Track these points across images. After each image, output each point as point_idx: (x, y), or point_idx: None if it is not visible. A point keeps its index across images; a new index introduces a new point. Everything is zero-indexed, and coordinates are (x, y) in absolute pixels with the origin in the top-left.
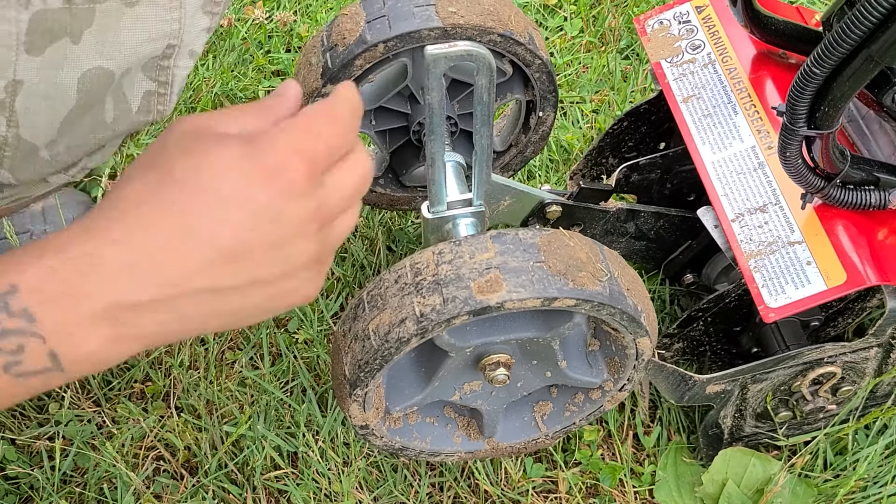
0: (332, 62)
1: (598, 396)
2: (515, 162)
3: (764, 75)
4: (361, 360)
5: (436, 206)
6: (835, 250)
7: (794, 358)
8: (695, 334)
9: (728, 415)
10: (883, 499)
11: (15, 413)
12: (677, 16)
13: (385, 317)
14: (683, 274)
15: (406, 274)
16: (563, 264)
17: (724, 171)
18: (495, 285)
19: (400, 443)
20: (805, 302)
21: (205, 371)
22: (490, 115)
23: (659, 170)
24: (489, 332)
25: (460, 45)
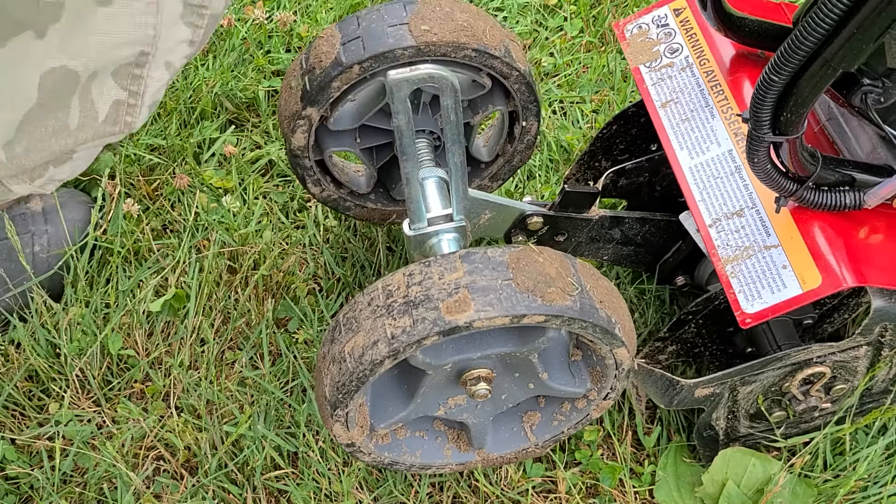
0: (310, 84)
1: (584, 405)
2: (504, 171)
3: (742, 77)
4: (339, 382)
5: (416, 224)
6: (810, 253)
7: (782, 360)
8: (687, 336)
9: (721, 416)
10: (883, 499)
11: (15, 413)
12: (655, 19)
13: (359, 339)
14: (676, 276)
15: (378, 296)
16: (532, 281)
17: (701, 175)
18: (463, 305)
19: (389, 458)
20: (780, 307)
21: (205, 371)
22: (459, 134)
23: (647, 173)
24: (465, 348)
25: (422, 69)
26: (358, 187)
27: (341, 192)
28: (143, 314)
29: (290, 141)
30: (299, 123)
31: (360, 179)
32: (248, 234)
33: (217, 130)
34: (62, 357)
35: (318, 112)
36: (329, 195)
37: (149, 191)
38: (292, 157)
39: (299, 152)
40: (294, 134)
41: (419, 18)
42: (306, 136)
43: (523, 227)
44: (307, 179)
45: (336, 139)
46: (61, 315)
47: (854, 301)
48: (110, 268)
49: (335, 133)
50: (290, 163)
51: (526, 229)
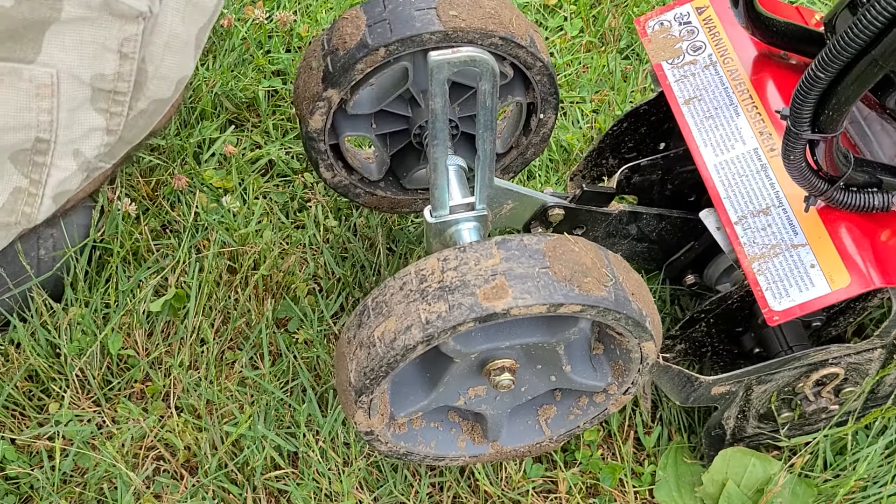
0: (332, 66)
1: (603, 400)
2: (516, 164)
3: (765, 77)
4: (367, 368)
5: (438, 211)
6: (838, 253)
7: (800, 359)
8: (697, 335)
9: (731, 416)
10: (883, 499)
11: (15, 413)
12: (678, 17)
13: (390, 324)
14: (685, 275)
15: (411, 281)
16: (569, 270)
17: (726, 173)
18: (501, 292)
19: (405, 448)
20: (809, 305)
21: (205, 371)
22: (493, 121)
23: (660, 171)
24: (494, 337)
25: (464, 52)
26: (369, 174)
27: (352, 178)
28: (143, 314)
29: (308, 123)
30: (319, 105)
31: (372, 166)
32: (248, 234)
33: (217, 130)
34: (62, 357)
35: (339, 94)
36: (340, 181)
37: (148, 191)
38: (308, 139)
39: (315, 135)
40: (312, 116)
41: (447, 3)
42: (324, 119)
43: (544, 219)
44: (320, 164)
45: (353, 123)
46: (61, 315)
47: (860, 305)
48: (110, 268)
49: (352, 117)
50: (305, 146)
51: (546, 221)
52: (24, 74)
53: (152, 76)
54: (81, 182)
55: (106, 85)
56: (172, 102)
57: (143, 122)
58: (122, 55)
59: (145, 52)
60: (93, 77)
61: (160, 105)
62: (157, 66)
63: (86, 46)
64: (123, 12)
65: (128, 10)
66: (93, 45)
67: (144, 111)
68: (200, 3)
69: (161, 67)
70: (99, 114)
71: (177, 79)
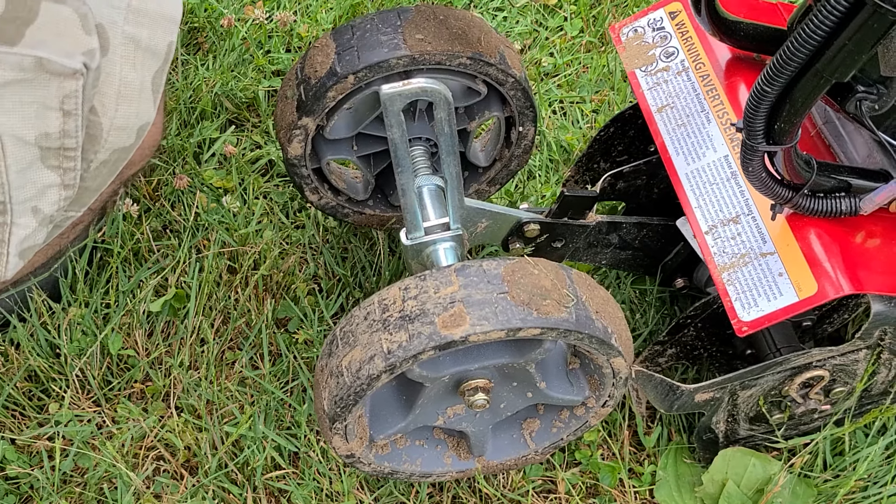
0: (305, 95)
1: (583, 413)
2: (501, 176)
3: (738, 81)
4: (337, 396)
5: (413, 233)
6: (806, 260)
7: (781, 364)
8: (687, 339)
9: (720, 420)
10: (883, 499)
11: (15, 413)
12: (651, 23)
13: (356, 353)
14: (675, 278)
15: (374, 311)
16: (527, 294)
17: (697, 182)
18: (459, 319)
19: (389, 467)
20: (777, 315)
21: (205, 371)
22: (454, 146)
23: (644, 175)
24: (463, 360)
25: (414, 83)
26: (356, 193)
27: (339, 199)
28: (143, 314)
29: (287, 150)
30: (295, 133)
31: (358, 185)
32: (248, 234)
33: (217, 130)
34: (62, 357)
35: (314, 122)
36: (327, 202)
37: (148, 191)
38: (290, 166)
39: (296, 161)
40: (291, 143)
41: (413, 27)
42: (303, 146)
43: (520, 235)
44: (304, 188)
45: (333, 147)
46: (61, 315)
47: (854, 301)
48: (110, 268)
49: (332, 141)
50: (288, 171)
51: (523, 236)
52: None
53: (108, 127)
54: (48, 235)
55: (52, 143)
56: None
57: (107, 170)
58: (65, 112)
59: (96, 104)
60: (37, 137)
61: (124, 152)
62: (112, 117)
63: (26, 108)
64: (59, 71)
65: (62, 69)
66: (33, 105)
67: (107, 161)
68: (151, 47)
69: (117, 118)
70: (51, 171)
71: (136, 126)
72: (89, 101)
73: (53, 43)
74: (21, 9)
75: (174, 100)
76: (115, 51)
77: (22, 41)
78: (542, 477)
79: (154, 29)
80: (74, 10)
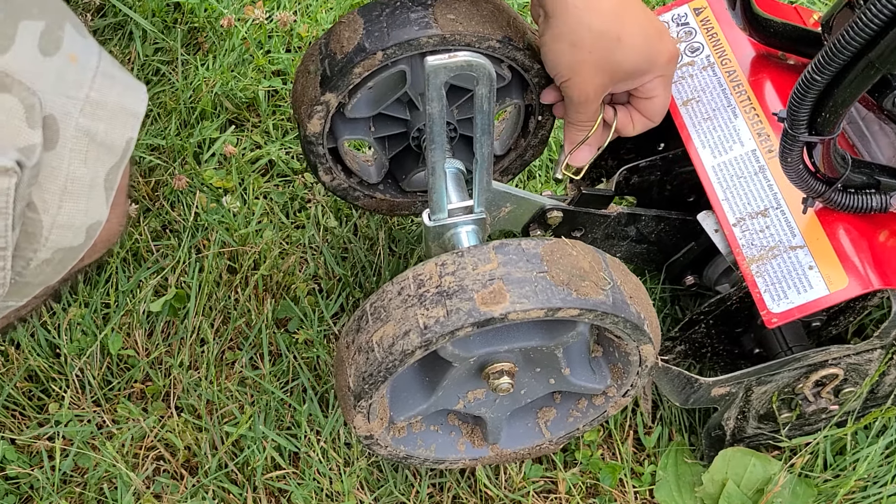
0: (330, 70)
1: (602, 402)
2: (515, 166)
3: (763, 78)
4: (366, 373)
5: (437, 214)
6: (836, 255)
7: (800, 360)
8: (697, 336)
9: (731, 416)
10: (883, 499)
11: (15, 413)
12: (675, 18)
13: (389, 329)
14: (685, 276)
15: (409, 286)
16: (567, 274)
17: (724, 174)
18: (499, 297)
19: (405, 451)
20: (808, 307)
21: (205, 371)
22: (491, 124)
23: (659, 171)
24: (493, 341)
25: (460, 56)
26: (368, 177)
27: (351, 181)
28: (143, 314)
29: (306, 127)
30: (317, 109)
31: (370, 169)
32: (248, 234)
33: (217, 130)
34: (62, 357)
35: (337, 98)
36: (339, 184)
37: (148, 191)
38: (307, 143)
39: (314, 139)
40: (310, 120)
41: (445, 7)
42: (322, 123)
43: (542, 222)
44: (319, 167)
45: (351, 127)
46: (61, 315)
47: (860, 304)
48: (110, 268)
49: (350, 121)
50: (304, 150)
51: (545, 223)
52: None
53: (50, 225)
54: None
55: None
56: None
57: (51, 269)
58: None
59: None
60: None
61: (71, 252)
62: (55, 215)
63: None
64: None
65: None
66: None
67: (49, 260)
68: (107, 142)
69: (59, 216)
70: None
71: (85, 226)
72: (24, 199)
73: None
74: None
75: (174, 100)
76: (64, 144)
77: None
78: (542, 477)
79: (112, 123)
80: (21, 100)
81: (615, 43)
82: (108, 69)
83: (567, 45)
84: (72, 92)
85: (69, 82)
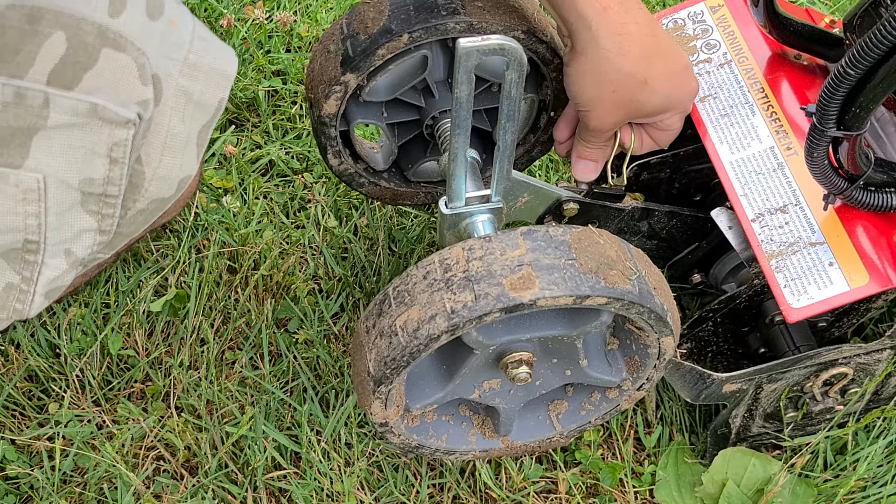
0: (352, 50)
1: (616, 396)
2: (522, 161)
3: (780, 76)
4: (388, 357)
5: (454, 202)
6: (856, 252)
7: (812, 358)
8: (703, 335)
9: (739, 414)
10: (883, 499)
11: (15, 413)
12: (691, 15)
13: (413, 313)
14: (691, 274)
15: (435, 269)
16: (595, 262)
17: (742, 171)
18: (528, 283)
19: (417, 441)
20: (829, 302)
21: (205, 371)
22: (517, 111)
23: (668, 169)
24: (515, 329)
25: (493, 39)
26: (375, 164)
27: (358, 166)
28: (143, 314)
29: (322, 107)
30: (335, 89)
31: (377, 156)
32: (248, 234)
33: (217, 130)
34: (62, 357)
35: (357, 79)
36: (346, 168)
37: None
38: (320, 124)
39: (328, 120)
40: (327, 100)
41: None
42: (339, 104)
43: (558, 213)
44: (328, 150)
45: (364, 111)
46: (61, 315)
47: (863, 307)
48: (110, 268)
49: (364, 104)
50: (316, 131)
51: (560, 215)
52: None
53: (151, 177)
54: (75, 276)
55: (95, 189)
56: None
57: (142, 218)
58: (112, 160)
59: (142, 153)
60: (81, 182)
61: (162, 203)
62: (156, 168)
63: (74, 151)
64: (112, 118)
65: (115, 117)
66: (81, 150)
67: (144, 210)
68: (202, 101)
69: (160, 168)
70: (90, 216)
71: (178, 178)
72: (137, 151)
73: (110, 90)
74: (82, 54)
75: None
76: (166, 102)
77: (79, 86)
78: (542, 477)
79: (207, 84)
80: (133, 59)
81: (641, 85)
82: (203, 34)
83: (592, 82)
84: (173, 54)
85: (171, 45)
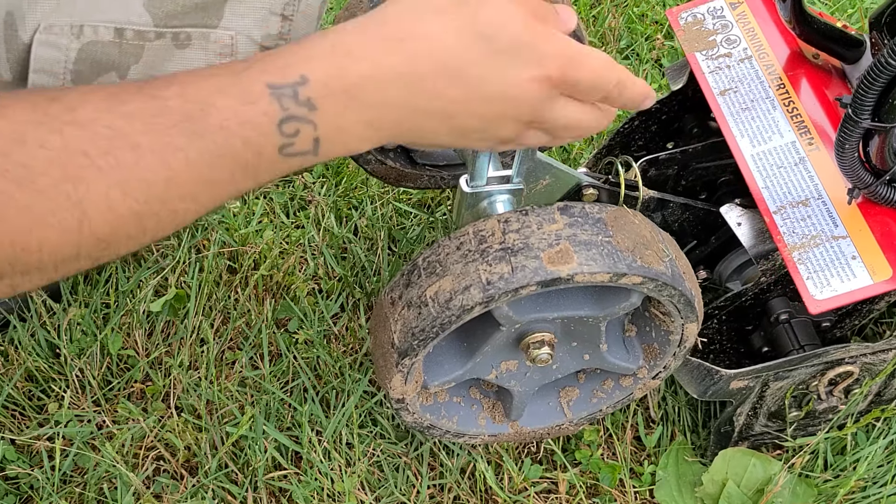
0: None
1: (630, 384)
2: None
3: (800, 74)
4: (416, 328)
5: (476, 181)
6: (879, 246)
7: (819, 356)
8: (708, 332)
9: (743, 412)
10: (883, 499)
11: (15, 413)
12: (711, 10)
13: (446, 283)
14: (697, 270)
15: (470, 241)
16: (631, 241)
17: (763, 164)
18: (566, 257)
19: (429, 420)
20: (852, 295)
21: (205, 371)
22: None
23: (676, 166)
24: (544, 307)
25: None
26: None
27: None
28: (143, 314)
29: None
30: None
31: None
32: (248, 234)
33: None
34: (62, 357)
35: None
36: None
37: None
38: None
39: None
40: None
41: None
42: None
43: (577, 198)
44: None
45: None
46: (61, 315)
47: (866, 307)
48: (110, 268)
49: None
50: None
51: (580, 200)
52: (210, 37)
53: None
54: None
55: (270, 43)
56: None
57: None
58: (284, 17)
59: None
60: (262, 37)
61: None
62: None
63: (257, 12)
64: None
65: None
66: (262, 10)
67: None
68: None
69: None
70: None
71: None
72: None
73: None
74: None
75: None
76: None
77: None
78: (542, 477)
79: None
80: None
81: None
82: None
83: None
84: None
85: None
